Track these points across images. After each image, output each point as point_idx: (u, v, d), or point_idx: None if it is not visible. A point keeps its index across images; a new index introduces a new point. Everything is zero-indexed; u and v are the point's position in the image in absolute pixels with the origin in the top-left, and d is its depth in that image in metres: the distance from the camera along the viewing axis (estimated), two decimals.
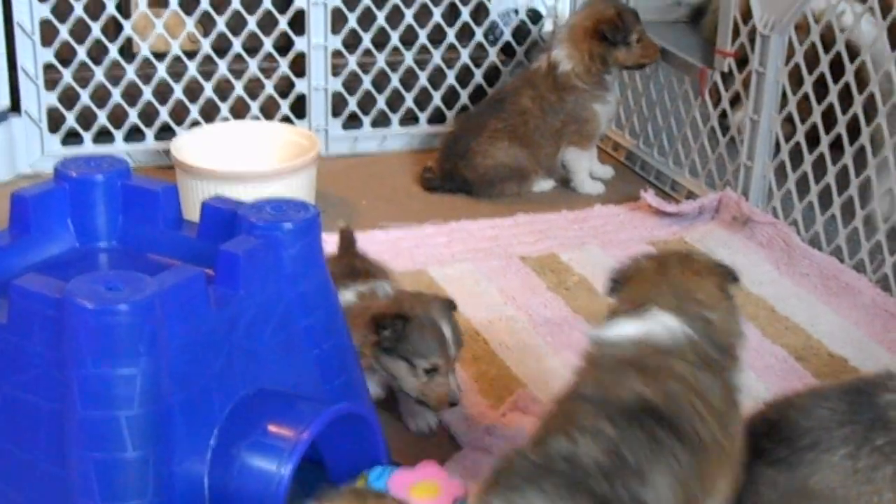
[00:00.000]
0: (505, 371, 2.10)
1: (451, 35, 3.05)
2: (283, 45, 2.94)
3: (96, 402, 1.37)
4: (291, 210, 1.62)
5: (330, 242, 1.76)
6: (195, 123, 2.90)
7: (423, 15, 3.02)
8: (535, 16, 3.18)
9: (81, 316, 1.35)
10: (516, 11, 3.17)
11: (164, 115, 2.90)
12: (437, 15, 3.02)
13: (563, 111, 2.82)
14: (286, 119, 2.96)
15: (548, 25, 3.18)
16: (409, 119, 3.09)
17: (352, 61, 2.98)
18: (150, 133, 2.91)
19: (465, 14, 3.05)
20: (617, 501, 1.34)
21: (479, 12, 3.10)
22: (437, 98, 3.07)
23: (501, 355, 2.14)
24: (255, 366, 1.55)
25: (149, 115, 2.90)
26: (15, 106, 2.81)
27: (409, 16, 3.00)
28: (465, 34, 3.07)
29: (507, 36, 3.14)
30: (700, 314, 1.53)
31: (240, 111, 2.95)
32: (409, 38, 3.02)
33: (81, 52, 2.81)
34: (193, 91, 2.91)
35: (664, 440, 1.41)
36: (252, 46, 2.92)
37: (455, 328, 1.89)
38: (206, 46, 2.89)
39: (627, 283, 1.61)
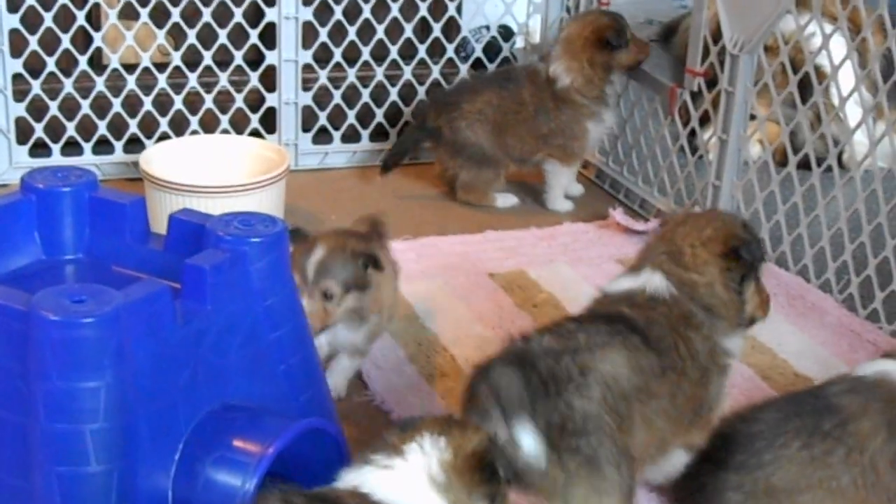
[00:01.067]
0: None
1: (422, 51, 3.05)
2: (254, 59, 2.94)
3: (61, 415, 1.37)
4: (259, 224, 1.62)
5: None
6: (165, 136, 2.89)
7: (394, 30, 3.02)
8: (506, 32, 3.19)
9: (46, 328, 1.35)
10: (487, 28, 3.19)
11: (133, 127, 2.89)
12: (408, 30, 3.03)
13: (555, 121, 2.83)
14: (256, 133, 2.96)
15: (519, 42, 3.20)
16: (380, 134, 3.09)
17: (323, 76, 2.98)
18: (119, 145, 2.89)
19: (437, 30, 3.06)
20: (563, 371, 1.58)
21: (451, 28, 3.10)
22: (407, 113, 3.07)
23: (468, 372, 2.13)
24: (221, 380, 1.55)
25: (118, 128, 2.89)
26: None
27: (380, 31, 3.00)
28: (437, 50, 3.08)
29: (479, 52, 3.14)
30: (685, 275, 1.76)
31: (210, 124, 2.94)
32: (380, 54, 3.02)
33: (51, 64, 2.80)
34: (163, 104, 2.90)
35: (626, 334, 1.67)
36: (223, 60, 2.91)
37: (325, 262, 1.95)
38: (176, 59, 2.88)
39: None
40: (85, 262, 1.68)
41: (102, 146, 2.90)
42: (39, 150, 2.86)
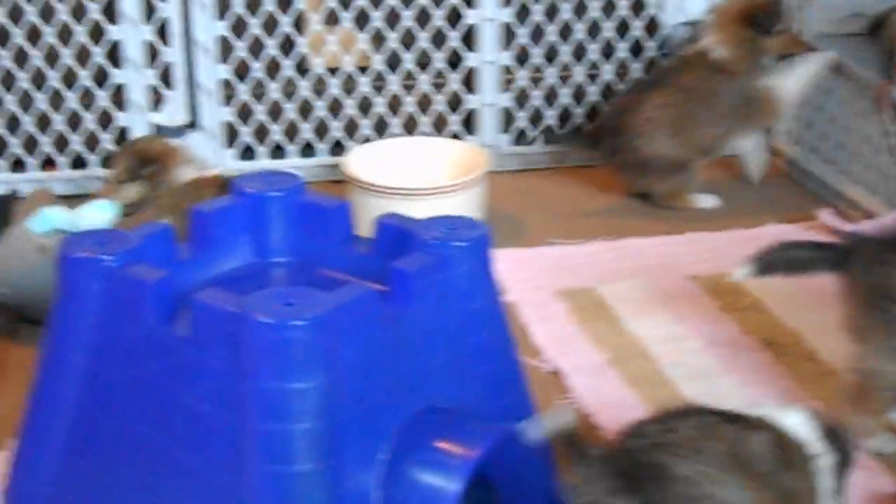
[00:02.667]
0: (675, 393, 2.07)
1: (622, 50, 3.03)
2: (454, 61, 2.96)
3: (271, 415, 1.40)
4: (463, 228, 1.63)
5: (500, 258, 1.77)
6: (367, 139, 2.94)
7: (594, 30, 3.01)
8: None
9: (259, 331, 1.38)
10: (689, 24, 3.13)
11: (337, 130, 2.94)
12: (608, 30, 3.01)
13: (727, 94, 2.77)
14: (456, 135, 2.98)
15: None
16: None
17: (522, 77, 2.99)
18: (322, 148, 2.95)
19: (638, 28, 3.03)
20: None
21: (652, 27, 3.07)
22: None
23: (671, 377, 2.12)
24: (425, 382, 1.57)
25: (321, 131, 2.94)
26: (193, 122, 2.88)
27: (580, 31, 2.99)
28: (637, 49, 3.05)
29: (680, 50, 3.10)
30: None
31: (411, 126, 2.98)
32: (579, 54, 3.01)
33: (257, 69, 2.87)
34: (365, 107, 2.95)
35: None
36: (423, 62, 2.94)
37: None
38: (378, 62, 2.92)
39: None
40: (293, 264, 1.72)
41: (307, 149, 2.96)
42: (246, 153, 2.93)
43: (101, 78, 2.84)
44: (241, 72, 2.87)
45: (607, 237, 2.64)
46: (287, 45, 2.88)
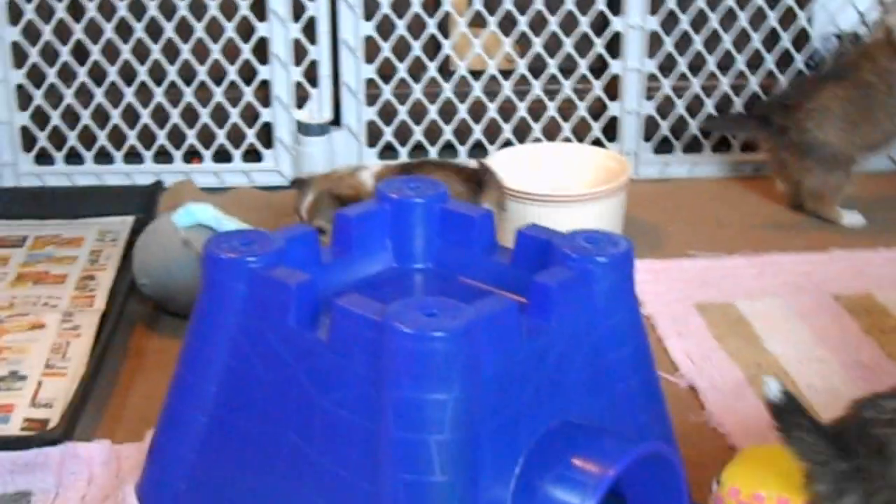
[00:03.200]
0: (813, 415, 2.03)
1: (769, 60, 2.98)
2: (598, 67, 2.94)
3: (409, 424, 1.40)
4: (605, 242, 1.62)
5: (639, 268, 1.75)
6: (507, 143, 2.93)
7: (741, 40, 2.97)
8: (856, 39, 3.08)
9: (400, 340, 1.38)
10: (838, 36, 3.08)
11: (477, 132, 2.95)
12: (756, 40, 2.97)
13: None
14: (597, 141, 2.97)
15: None
16: (723, 144, 3.04)
17: (666, 85, 2.96)
18: (463, 150, 2.96)
19: (786, 39, 2.98)
20: None
21: (801, 38, 3.02)
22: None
23: (810, 398, 2.08)
24: (562, 397, 1.56)
25: (462, 133, 2.95)
26: (336, 119, 2.91)
27: (727, 41, 2.95)
28: (785, 60, 3.00)
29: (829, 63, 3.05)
30: None
31: (552, 132, 2.97)
32: (726, 63, 2.98)
33: (402, 69, 2.88)
34: (507, 110, 2.94)
35: None
36: (567, 67, 2.93)
37: (319, 200, 2.29)
38: (522, 66, 2.92)
39: None
40: (434, 271, 1.72)
41: (447, 150, 2.97)
42: (388, 152, 2.95)
43: (247, 73, 2.88)
44: (386, 72, 2.89)
45: (748, 251, 2.60)
46: (432, 47, 2.89)
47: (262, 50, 2.86)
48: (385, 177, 2.38)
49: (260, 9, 2.83)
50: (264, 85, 2.88)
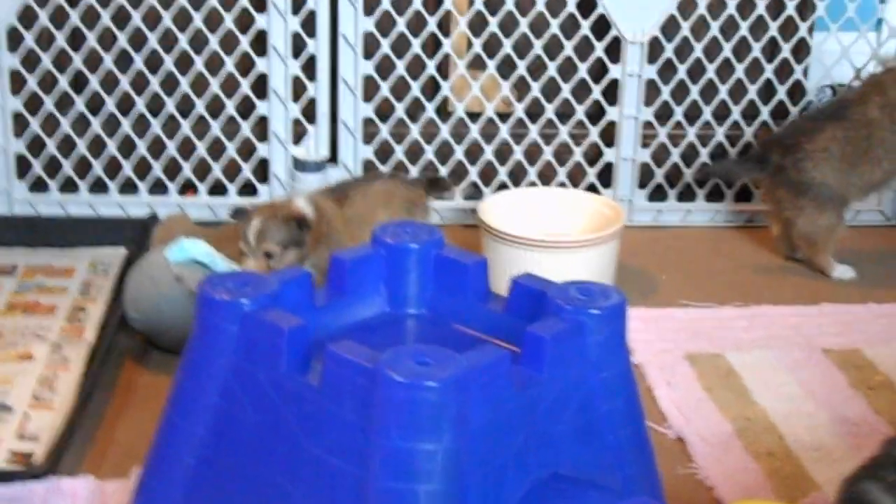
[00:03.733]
0: (800, 470, 2.03)
1: (765, 113, 3.00)
2: (595, 113, 2.95)
3: (398, 473, 1.40)
4: (599, 295, 1.62)
5: (630, 316, 1.75)
6: (502, 185, 2.94)
7: (737, 91, 2.98)
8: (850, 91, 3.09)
9: (391, 388, 1.38)
10: (831, 87, 3.09)
11: (473, 174, 2.95)
12: (752, 92, 2.98)
13: None
14: (592, 187, 2.97)
15: None
16: (715, 194, 3.05)
17: (662, 133, 2.97)
18: (457, 191, 2.96)
19: (782, 92, 3.00)
20: None
21: (796, 90, 3.03)
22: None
23: (797, 453, 2.08)
24: (551, 448, 1.56)
25: (458, 174, 2.95)
26: (333, 157, 2.92)
27: (723, 91, 2.97)
28: (780, 112, 3.02)
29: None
30: None
31: (547, 176, 2.98)
32: (721, 113, 2.99)
33: (400, 109, 2.89)
34: (503, 153, 2.95)
35: None
36: (564, 112, 2.94)
37: (265, 224, 2.36)
38: (519, 110, 2.93)
39: None
40: (427, 317, 1.72)
41: None
42: None
43: (245, 108, 2.89)
44: (384, 111, 2.90)
45: (739, 302, 2.61)
46: (431, 88, 2.90)
47: (260, 85, 2.86)
48: (318, 201, 2.46)
49: (260, 44, 2.83)
50: (262, 120, 2.89)
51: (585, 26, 2.88)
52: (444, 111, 2.95)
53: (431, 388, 1.38)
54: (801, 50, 3.00)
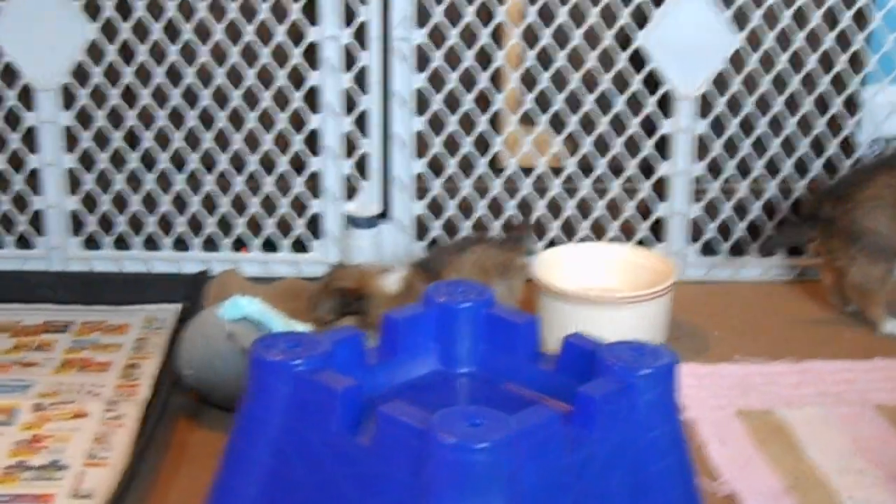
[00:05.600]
0: None
1: (816, 167, 3.00)
2: (647, 168, 2.96)
3: None
4: (650, 355, 1.62)
5: (682, 372, 1.75)
6: (554, 240, 2.95)
7: (788, 145, 2.98)
8: None
9: (442, 450, 1.39)
10: (885, 140, 3.08)
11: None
12: (803, 147, 2.98)
13: None
14: (644, 241, 2.97)
15: None
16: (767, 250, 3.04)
17: (714, 188, 2.97)
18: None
19: (833, 146, 2.99)
20: None
21: (847, 145, 3.02)
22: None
23: None
24: None
25: (511, 229, 2.96)
26: (384, 212, 2.94)
27: (775, 146, 2.97)
28: (831, 167, 3.01)
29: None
30: None
31: (599, 231, 2.98)
32: (773, 168, 2.99)
33: (452, 165, 2.91)
34: (556, 208, 2.96)
35: None
36: (616, 168, 2.95)
37: (320, 291, 2.45)
38: (571, 165, 2.94)
39: None
40: (477, 376, 1.73)
41: None
42: (435, 247, 2.97)
43: (297, 164, 2.91)
44: (436, 167, 2.92)
45: (790, 358, 2.60)
46: (482, 143, 2.92)
47: (312, 141, 2.89)
48: (410, 278, 2.45)
49: (312, 101, 2.86)
50: (313, 176, 2.91)
51: (636, 81, 2.89)
52: (496, 167, 2.96)
53: (483, 449, 1.38)
54: (853, 104, 2.99)
